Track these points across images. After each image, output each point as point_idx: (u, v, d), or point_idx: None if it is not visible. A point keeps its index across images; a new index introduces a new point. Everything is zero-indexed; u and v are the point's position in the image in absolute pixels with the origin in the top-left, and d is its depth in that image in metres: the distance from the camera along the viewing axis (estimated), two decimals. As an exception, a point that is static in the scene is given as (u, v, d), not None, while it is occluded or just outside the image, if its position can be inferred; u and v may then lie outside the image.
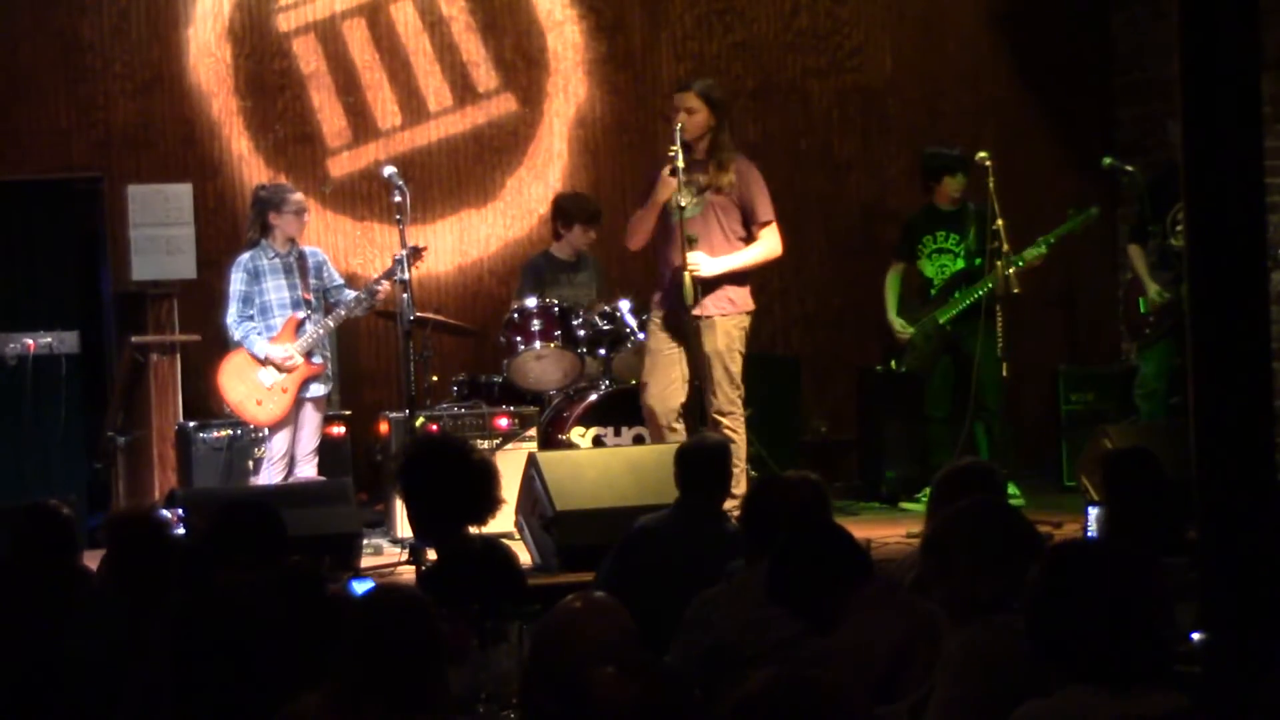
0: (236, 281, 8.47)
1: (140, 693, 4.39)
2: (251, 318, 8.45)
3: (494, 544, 5.42)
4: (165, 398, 9.14)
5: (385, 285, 8.39)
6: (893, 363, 9.43)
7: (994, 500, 4.39)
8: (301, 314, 8.46)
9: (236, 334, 8.45)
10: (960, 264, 9.09)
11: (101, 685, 4.60)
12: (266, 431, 8.56)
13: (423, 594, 3.80)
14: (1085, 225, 9.17)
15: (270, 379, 8.41)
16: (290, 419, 8.47)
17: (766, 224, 8.18)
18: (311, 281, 8.53)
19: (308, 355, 8.44)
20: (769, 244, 8.22)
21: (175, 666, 3.77)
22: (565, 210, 9.40)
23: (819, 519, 4.96)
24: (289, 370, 8.40)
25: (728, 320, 8.11)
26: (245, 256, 8.52)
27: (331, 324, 8.54)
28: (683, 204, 7.95)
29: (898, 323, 9.27)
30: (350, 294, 8.54)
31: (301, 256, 8.55)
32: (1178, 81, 4.52)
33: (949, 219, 9.15)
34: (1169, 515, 5.39)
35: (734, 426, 8.06)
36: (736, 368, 8.12)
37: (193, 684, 3.70)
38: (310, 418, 8.54)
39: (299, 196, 8.63)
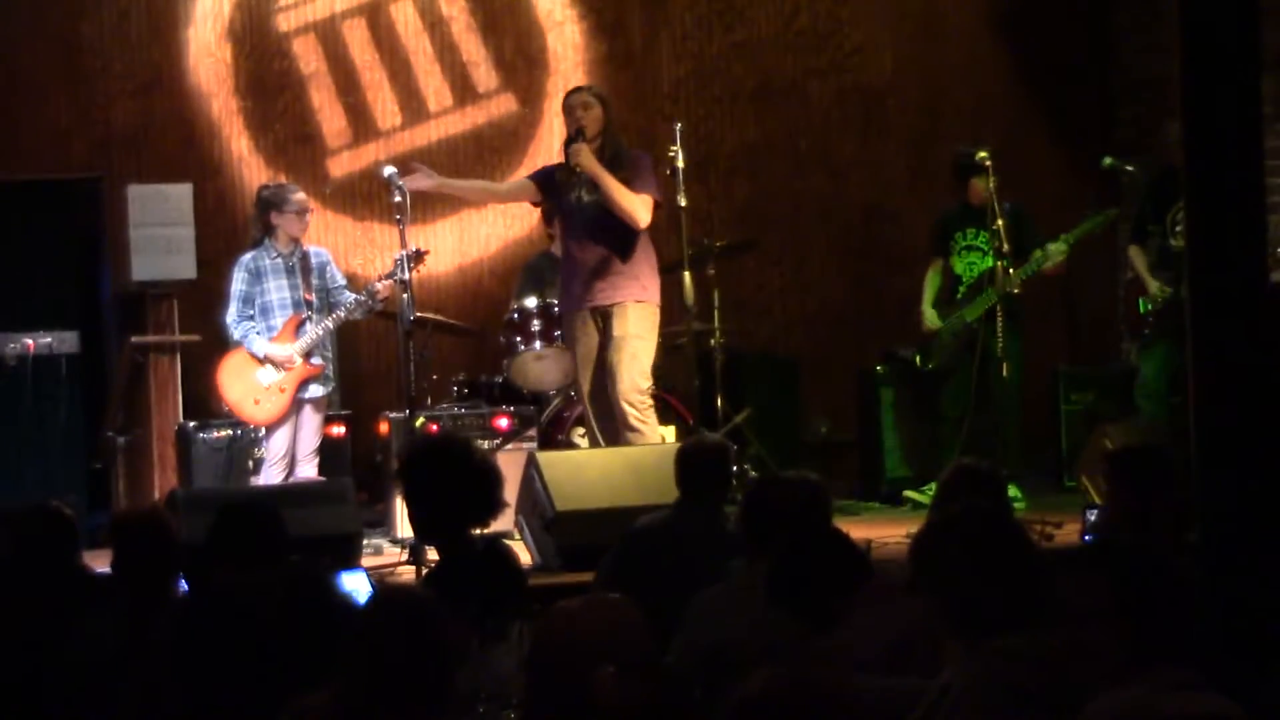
0: (238, 281, 8.48)
1: (142, 693, 4.39)
2: (251, 317, 8.46)
3: (495, 544, 5.41)
4: (165, 398, 9.14)
5: (384, 286, 8.39)
6: (917, 358, 9.40)
7: (988, 509, 4.24)
8: (302, 314, 8.46)
9: (236, 333, 8.45)
10: (989, 261, 9.01)
11: (103, 685, 4.60)
12: (265, 431, 8.56)
13: (432, 596, 3.78)
14: (1104, 226, 9.15)
15: (268, 379, 8.41)
16: (289, 419, 8.47)
17: (644, 195, 8.02)
18: (314, 282, 8.53)
19: (307, 356, 8.44)
20: (636, 200, 7.98)
21: (178, 666, 3.77)
22: None
23: (817, 521, 4.95)
24: (288, 370, 8.40)
25: (639, 306, 8.07)
26: (247, 256, 8.52)
27: (331, 325, 8.54)
28: (583, 199, 7.99)
29: (929, 314, 9.22)
30: (351, 296, 8.54)
31: (305, 257, 8.55)
32: (1178, 81, 4.53)
33: (980, 216, 9.08)
34: (1174, 515, 5.36)
35: (642, 417, 7.99)
36: (646, 356, 8.04)
37: (197, 683, 3.70)
38: (310, 418, 8.54)
39: (302, 196, 8.62)
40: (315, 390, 8.52)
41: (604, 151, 8.04)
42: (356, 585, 5.67)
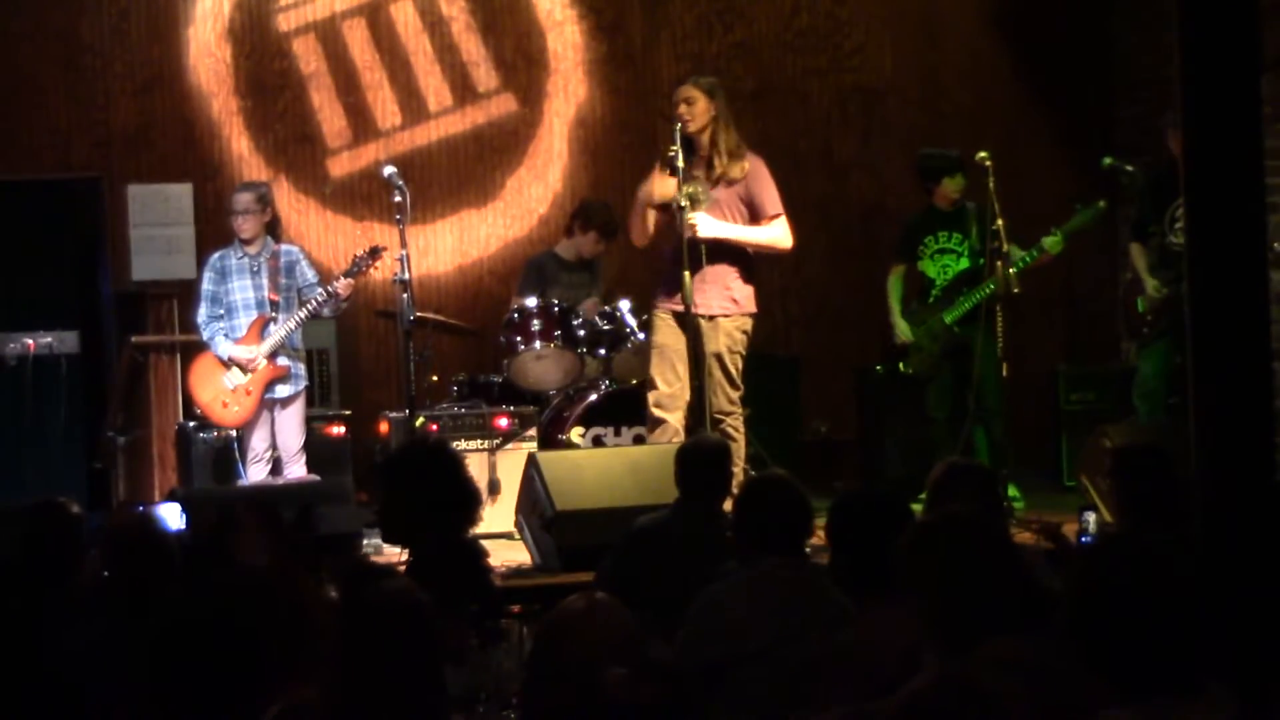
0: (205, 280, 8.51)
1: (139, 692, 4.39)
2: (220, 317, 8.46)
3: (468, 545, 5.36)
4: (165, 398, 9.15)
5: (343, 283, 8.36)
6: (901, 365, 9.40)
7: (971, 514, 4.15)
8: (267, 315, 8.44)
9: (204, 334, 8.48)
10: (964, 264, 9.06)
11: (101, 686, 4.60)
12: (238, 433, 8.54)
13: (422, 593, 3.78)
14: (1095, 218, 9.16)
15: (233, 382, 8.40)
16: (260, 419, 8.45)
17: (775, 216, 8.15)
18: (282, 281, 8.49)
19: (271, 356, 8.41)
20: (776, 232, 8.13)
21: (167, 665, 3.76)
22: (589, 214, 9.37)
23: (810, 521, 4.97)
24: (252, 371, 8.38)
25: (730, 321, 8.09)
26: (215, 255, 8.57)
27: (294, 324, 8.48)
28: (683, 203, 7.92)
29: (901, 326, 9.23)
30: (319, 290, 8.48)
31: (274, 256, 8.52)
32: (1178, 81, 4.53)
33: (950, 219, 9.13)
34: (1176, 514, 5.36)
35: (735, 425, 8.05)
36: (736, 368, 8.11)
37: (184, 683, 3.68)
38: (288, 417, 8.51)
39: (243, 196, 8.56)
40: (282, 390, 8.49)
41: (716, 149, 8.03)
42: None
